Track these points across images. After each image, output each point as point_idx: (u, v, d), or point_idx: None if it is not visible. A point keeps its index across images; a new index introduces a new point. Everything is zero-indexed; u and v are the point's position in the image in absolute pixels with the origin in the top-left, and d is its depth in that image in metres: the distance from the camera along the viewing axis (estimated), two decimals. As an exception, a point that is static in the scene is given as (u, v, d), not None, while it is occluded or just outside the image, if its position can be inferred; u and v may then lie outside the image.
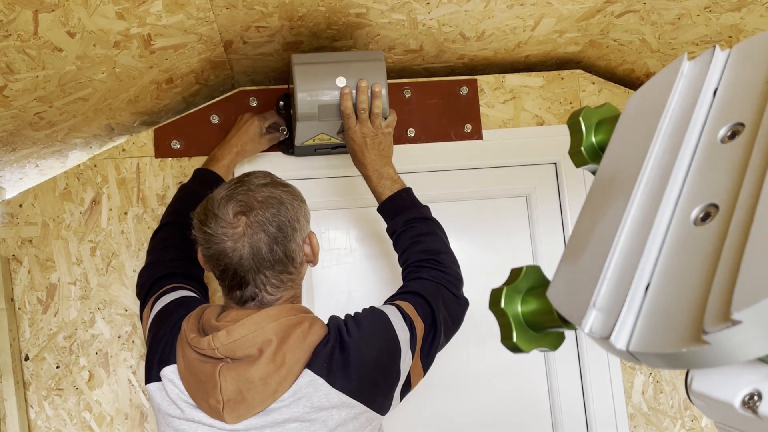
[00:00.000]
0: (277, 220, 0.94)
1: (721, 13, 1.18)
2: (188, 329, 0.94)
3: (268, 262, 0.93)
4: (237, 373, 0.89)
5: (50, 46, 0.93)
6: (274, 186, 0.98)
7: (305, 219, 1.00)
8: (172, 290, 1.10)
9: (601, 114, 0.48)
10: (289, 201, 0.97)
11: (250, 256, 0.92)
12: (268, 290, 0.96)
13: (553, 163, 1.57)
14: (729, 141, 0.35)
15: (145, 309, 1.11)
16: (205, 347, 0.90)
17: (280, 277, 0.96)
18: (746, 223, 0.29)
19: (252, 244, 0.92)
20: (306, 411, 0.89)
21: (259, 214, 0.93)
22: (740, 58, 0.38)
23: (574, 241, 0.40)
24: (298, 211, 0.98)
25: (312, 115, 1.20)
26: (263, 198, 0.95)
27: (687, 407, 1.54)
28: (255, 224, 0.93)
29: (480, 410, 1.50)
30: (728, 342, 0.27)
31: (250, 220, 0.93)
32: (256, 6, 1.11)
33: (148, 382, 0.98)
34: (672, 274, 0.32)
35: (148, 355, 1.01)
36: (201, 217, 0.96)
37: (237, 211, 0.93)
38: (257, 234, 0.92)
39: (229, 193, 0.95)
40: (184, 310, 1.02)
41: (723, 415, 0.34)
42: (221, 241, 0.93)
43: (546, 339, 0.42)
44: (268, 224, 0.93)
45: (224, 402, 0.88)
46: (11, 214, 1.40)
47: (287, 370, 0.89)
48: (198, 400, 0.91)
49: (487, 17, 1.25)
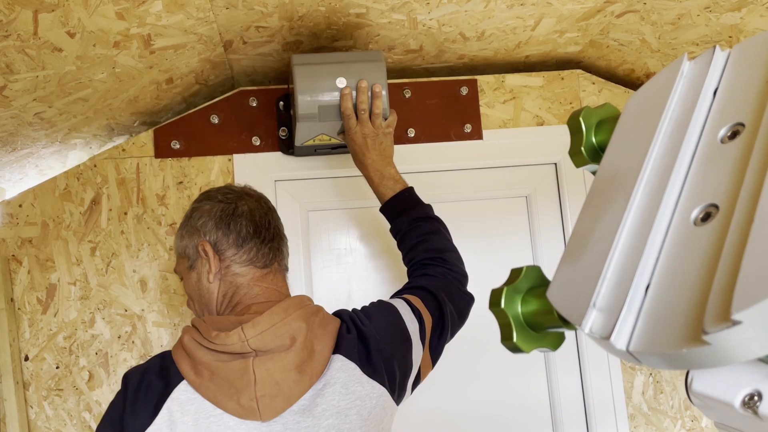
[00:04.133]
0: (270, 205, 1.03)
1: (721, 13, 1.18)
2: (203, 331, 0.86)
3: (279, 234, 1.01)
4: (272, 364, 0.83)
5: (50, 46, 0.93)
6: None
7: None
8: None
9: (601, 114, 0.48)
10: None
11: (267, 214, 1.00)
12: (280, 258, 1.00)
13: (553, 163, 1.57)
14: (729, 141, 0.35)
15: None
16: (235, 341, 0.82)
17: (283, 251, 1.02)
18: (746, 223, 0.29)
19: (267, 214, 1.00)
20: (339, 397, 0.86)
21: (255, 195, 1.03)
22: (740, 58, 0.38)
23: (574, 241, 0.40)
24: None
25: (312, 115, 1.20)
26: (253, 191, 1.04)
27: (687, 407, 1.54)
28: (261, 198, 1.02)
29: (480, 410, 1.50)
30: (728, 342, 0.27)
31: (256, 194, 1.02)
32: (256, 6, 1.11)
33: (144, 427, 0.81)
34: (672, 274, 0.32)
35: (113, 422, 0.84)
36: (211, 191, 1.02)
37: (242, 190, 1.02)
38: (268, 204, 1.02)
39: (230, 186, 1.04)
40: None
41: (723, 415, 0.34)
42: (242, 196, 0.99)
43: (546, 339, 0.42)
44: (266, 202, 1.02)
45: (259, 397, 0.82)
46: (11, 214, 1.40)
47: (318, 356, 0.86)
48: (223, 403, 0.82)
49: (487, 17, 1.25)
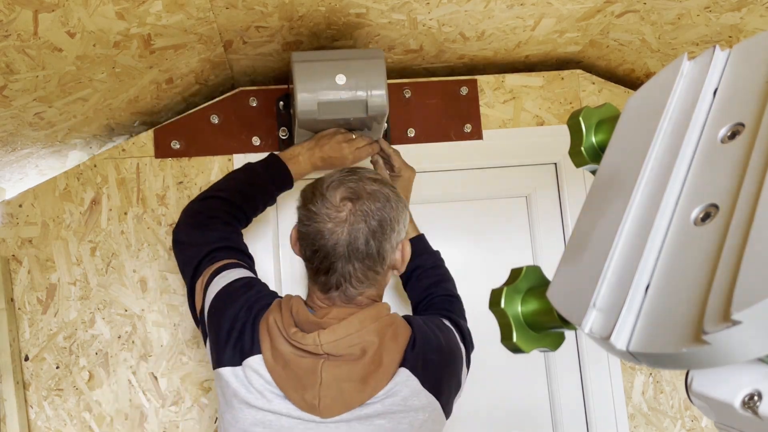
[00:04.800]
0: (380, 215, 0.94)
1: (721, 13, 1.18)
2: (285, 324, 0.93)
3: (360, 254, 0.93)
4: (339, 371, 0.90)
5: (50, 46, 0.93)
6: (383, 183, 0.99)
7: (403, 224, 1.00)
8: (232, 266, 1.06)
9: (601, 114, 0.47)
10: (395, 201, 0.98)
11: (346, 244, 0.92)
12: (353, 283, 0.95)
13: (553, 163, 1.57)
14: (729, 141, 0.35)
15: (200, 278, 1.06)
16: (310, 343, 0.90)
17: (367, 272, 0.95)
18: (746, 223, 0.29)
19: (351, 232, 0.93)
20: (397, 408, 0.91)
21: (365, 205, 0.94)
22: (740, 58, 0.38)
23: (574, 241, 0.40)
24: (399, 214, 0.98)
25: (312, 112, 1.20)
26: (372, 191, 0.95)
27: (687, 407, 1.54)
28: (359, 213, 0.93)
29: (480, 410, 1.50)
30: (728, 342, 0.27)
31: (355, 208, 0.93)
32: (256, 6, 1.11)
33: (222, 366, 0.95)
34: (672, 275, 0.32)
35: (219, 336, 0.98)
36: (307, 195, 0.97)
37: (344, 197, 0.94)
38: (359, 223, 0.93)
39: (340, 179, 0.96)
40: (253, 294, 1.01)
41: (723, 416, 0.34)
42: (322, 221, 0.93)
43: (546, 339, 0.42)
44: (371, 217, 0.94)
45: (321, 398, 0.89)
46: (11, 214, 1.40)
47: (384, 369, 0.91)
48: (289, 392, 0.90)
49: (487, 17, 1.25)
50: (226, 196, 1.15)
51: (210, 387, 1.41)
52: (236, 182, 1.19)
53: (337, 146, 1.26)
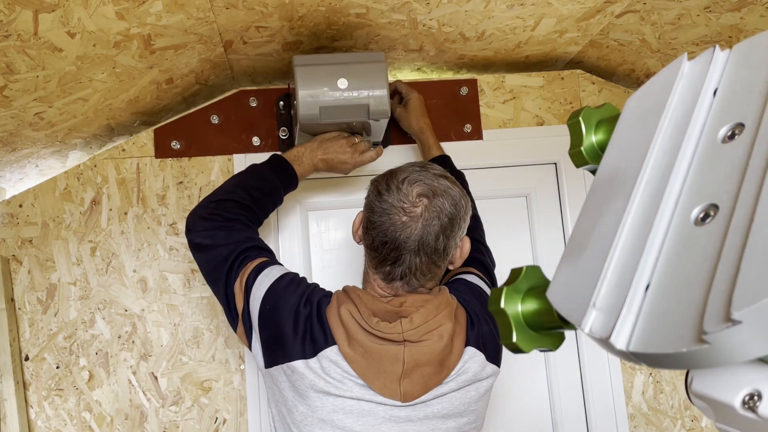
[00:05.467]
0: (450, 213, 0.98)
1: (721, 13, 1.18)
2: (363, 315, 0.97)
3: (429, 248, 0.97)
4: (420, 356, 0.96)
5: (50, 46, 0.93)
6: (452, 181, 1.02)
7: (466, 222, 1.03)
8: (269, 264, 1.07)
9: (601, 114, 0.47)
10: (463, 199, 1.01)
11: (418, 238, 0.96)
12: (417, 275, 1.00)
13: (553, 163, 1.57)
14: (729, 141, 0.35)
15: (237, 280, 1.06)
16: (394, 332, 0.96)
17: (431, 266, 1.00)
18: (746, 223, 0.29)
19: (424, 227, 0.97)
20: (467, 382, 1.01)
21: (440, 202, 0.98)
22: (740, 58, 0.38)
23: (574, 241, 0.40)
24: (466, 212, 1.02)
25: (313, 116, 1.20)
26: (444, 188, 0.99)
27: (687, 407, 1.54)
28: (433, 210, 0.97)
29: (480, 410, 1.50)
30: (728, 342, 0.27)
31: (431, 205, 0.97)
32: (256, 6, 1.11)
33: (292, 360, 0.97)
34: (672, 274, 0.32)
35: (282, 332, 0.99)
36: (382, 186, 1.00)
37: (420, 193, 0.97)
38: (433, 220, 0.97)
39: (415, 174, 1.00)
40: (304, 288, 1.04)
41: (723, 416, 0.34)
42: (397, 214, 0.97)
43: (546, 339, 0.42)
44: (444, 214, 0.97)
45: (403, 382, 0.96)
46: (11, 214, 1.40)
47: (455, 350, 1.00)
48: (370, 379, 0.95)
49: (487, 17, 1.25)
50: (239, 198, 1.14)
51: (210, 387, 1.41)
52: (247, 185, 1.18)
53: (340, 150, 1.26)
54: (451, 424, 1.00)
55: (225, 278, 1.07)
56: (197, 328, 1.42)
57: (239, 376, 1.41)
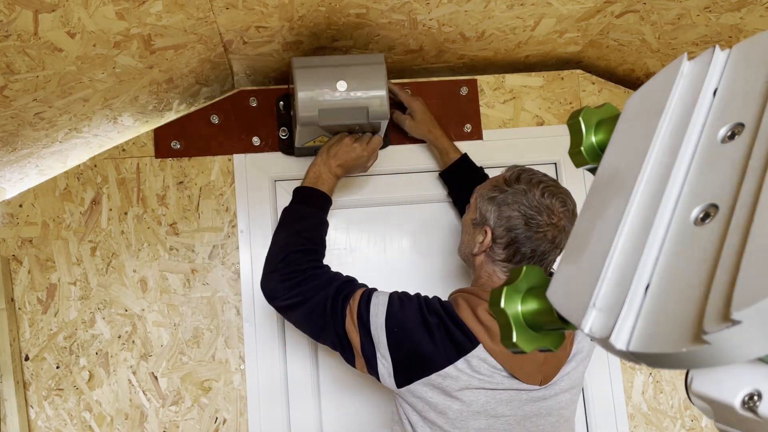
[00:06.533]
0: (574, 218, 1.08)
1: (721, 13, 1.18)
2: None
3: (559, 252, 1.09)
4: None
5: (50, 46, 0.93)
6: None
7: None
8: (369, 292, 1.12)
9: (601, 114, 0.47)
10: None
11: (554, 245, 1.08)
12: (548, 271, 1.11)
13: (553, 163, 1.57)
14: (729, 141, 0.35)
15: (347, 319, 1.09)
16: None
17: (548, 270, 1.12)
18: (746, 223, 0.29)
19: (560, 237, 1.08)
20: (583, 359, 1.14)
21: (570, 211, 1.09)
22: (740, 58, 0.38)
23: (574, 241, 0.40)
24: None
25: (313, 118, 1.20)
26: (566, 191, 1.11)
27: (687, 407, 1.54)
28: (570, 216, 1.08)
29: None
30: (728, 342, 0.27)
31: (568, 214, 1.08)
32: (256, 6, 1.11)
33: (442, 368, 1.04)
34: (672, 274, 0.32)
35: (420, 347, 1.05)
36: (533, 195, 1.07)
37: (563, 209, 1.08)
38: (569, 225, 1.08)
39: (552, 188, 1.09)
40: (416, 300, 1.10)
41: (723, 416, 0.34)
42: (550, 230, 1.07)
43: (546, 339, 0.42)
44: (575, 217, 1.08)
45: (544, 368, 1.07)
46: (11, 214, 1.40)
47: (570, 333, 1.09)
48: (515, 370, 1.04)
49: (487, 17, 1.25)
50: (299, 247, 1.16)
51: (210, 387, 1.41)
52: (295, 231, 1.19)
53: (349, 149, 1.27)
54: (567, 396, 1.12)
55: (333, 322, 1.09)
56: (197, 328, 1.42)
57: (239, 376, 1.41)
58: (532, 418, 1.07)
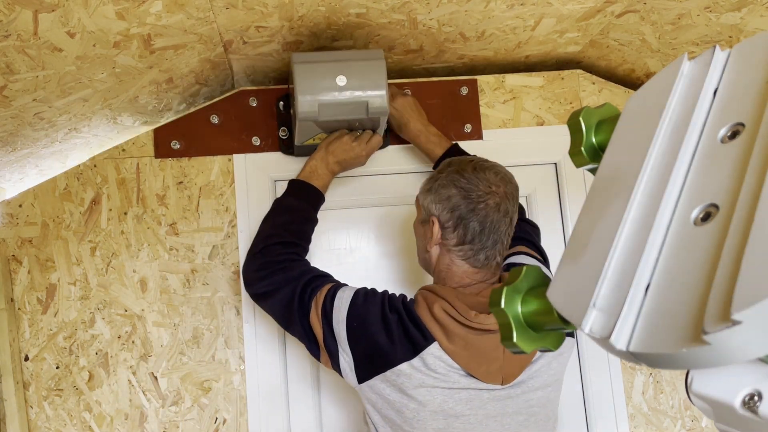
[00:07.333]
0: (516, 197, 1.10)
1: (721, 13, 1.18)
2: (461, 310, 1.02)
3: (509, 229, 1.08)
4: None
5: (50, 46, 0.93)
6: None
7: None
8: (337, 287, 1.11)
9: (601, 114, 0.47)
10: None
11: (501, 213, 1.06)
12: (497, 257, 1.09)
13: (553, 163, 1.57)
14: (729, 141, 0.35)
15: (311, 312, 1.09)
16: (491, 322, 1.02)
17: (505, 245, 1.10)
18: (746, 223, 0.29)
19: (504, 204, 1.06)
20: (553, 356, 1.09)
21: (511, 186, 1.09)
22: (740, 58, 0.38)
23: (574, 241, 0.40)
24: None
25: (312, 113, 1.20)
26: (497, 165, 1.11)
27: (687, 407, 1.54)
28: (510, 193, 1.08)
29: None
30: (728, 342, 0.27)
31: (507, 189, 1.08)
32: (256, 6, 1.11)
33: (396, 365, 1.03)
34: (672, 274, 0.32)
35: (377, 343, 1.04)
36: (461, 182, 1.07)
37: (498, 178, 1.07)
38: (511, 201, 1.07)
39: (482, 162, 1.09)
40: (380, 297, 1.09)
41: (723, 416, 0.34)
42: (491, 197, 1.06)
43: (546, 339, 0.42)
44: (514, 198, 1.09)
45: (506, 367, 1.03)
46: (11, 214, 1.40)
47: None
48: (473, 368, 1.02)
49: (487, 17, 1.25)
50: (280, 239, 1.18)
51: (210, 387, 1.41)
52: (280, 223, 1.21)
53: (348, 147, 1.28)
54: (540, 394, 1.09)
55: (298, 314, 1.10)
56: (197, 328, 1.42)
57: (239, 376, 1.41)
58: (497, 417, 1.05)
